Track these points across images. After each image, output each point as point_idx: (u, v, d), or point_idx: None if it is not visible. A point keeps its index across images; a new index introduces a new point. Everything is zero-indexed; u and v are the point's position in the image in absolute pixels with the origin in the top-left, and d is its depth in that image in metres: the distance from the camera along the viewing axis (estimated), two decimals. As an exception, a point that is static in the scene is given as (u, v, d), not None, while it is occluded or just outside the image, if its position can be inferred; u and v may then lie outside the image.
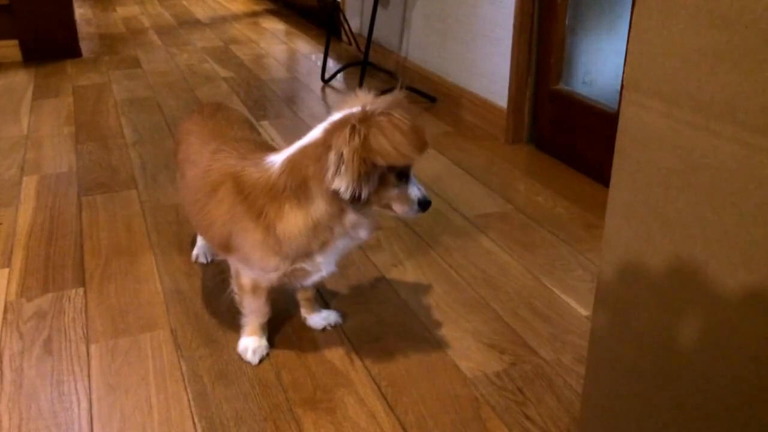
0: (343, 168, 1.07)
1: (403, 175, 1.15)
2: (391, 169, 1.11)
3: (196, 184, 1.31)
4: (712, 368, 0.76)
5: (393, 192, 1.15)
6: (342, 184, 1.08)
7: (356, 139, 1.06)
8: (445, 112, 2.87)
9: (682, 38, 0.69)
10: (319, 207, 1.15)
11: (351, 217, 1.17)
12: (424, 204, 1.17)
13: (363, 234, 1.22)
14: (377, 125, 1.08)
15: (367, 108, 1.11)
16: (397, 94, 1.19)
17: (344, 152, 1.06)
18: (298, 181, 1.15)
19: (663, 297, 0.80)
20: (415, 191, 1.17)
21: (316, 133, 1.16)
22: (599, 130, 2.17)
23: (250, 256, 1.23)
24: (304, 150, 1.16)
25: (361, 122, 1.08)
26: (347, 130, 1.07)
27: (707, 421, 0.79)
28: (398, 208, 1.17)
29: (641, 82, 0.75)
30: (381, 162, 1.08)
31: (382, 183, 1.13)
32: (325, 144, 1.11)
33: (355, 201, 1.11)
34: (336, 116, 1.16)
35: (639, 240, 0.81)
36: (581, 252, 1.78)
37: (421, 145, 1.11)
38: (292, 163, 1.17)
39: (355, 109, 1.13)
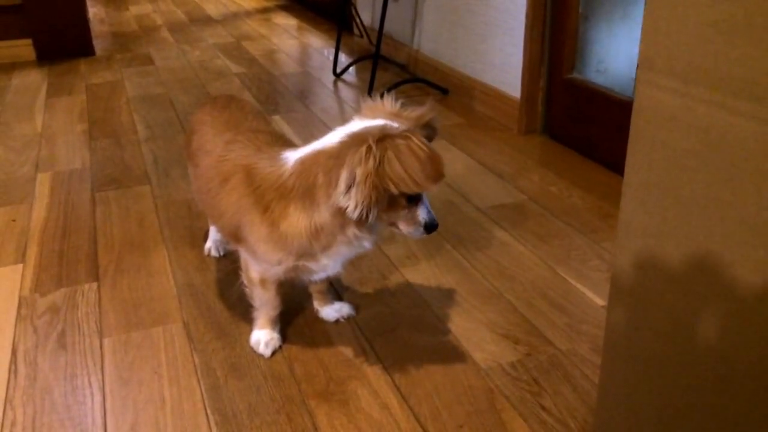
0: (354, 189, 1.05)
1: (414, 197, 1.12)
2: (402, 193, 1.08)
3: (209, 173, 1.30)
4: (732, 356, 0.74)
5: (401, 212, 1.13)
6: (350, 204, 1.06)
7: (370, 162, 1.03)
8: (458, 103, 2.85)
9: (697, 13, 0.67)
10: (323, 216, 1.13)
11: (353, 230, 1.15)
12: (430, 227, 1.14)
13: (366, 245, 1.20)
14: (394, 149, 1.04)
15: (387, 126, 1.08)
16: (424, 110, 1.16)
17: (357, 174, 1.04)
18: (305, 187, 1.13)
19: (680, 284, 0.78)
20: (423, 213, 1.14)
21: (332, 140, 1.13)
22: (614, 119, 2.14)
23: (255, 248, 1.22)
24: (317, 156, 1.14)
25: (378, 143, 1.04)
26: (363, 150, 1.04)
27: (726, 408, 0.77)
28: (404, 227, 1.15)
29: (656, 61, 0.73)
30: (393, 189, 1.05)
31: (392, 204, 1.11)
32: (338, 157, 1.08)
33: (362, 221, 1.09)
34: (356, 125, 1.13)
35: (655, 224, 0.79)
36: (596, 242, 1.75)
37: (437, 176, 1.07)
38: (303, 165, 1.15)
39: (376, 122, 1.11)
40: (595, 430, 1.03)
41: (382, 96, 1.18)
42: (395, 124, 1.10)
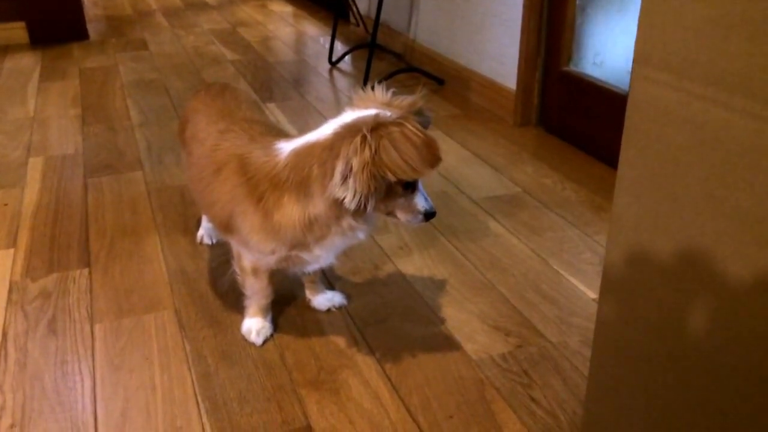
0: (351, 180, 1.04)
1: (410, 185, 1.12)
2: (399, 180, 1.08)
3: (202, 162, 1.30)
4: (720, 350, 0.74)
5: (399, 200, 1.13)
6: (348, 195, 1.06)
7: (366, 151, 1.03)
8: (453, 94, 2.85)
9: (693, 9, 0.67)
10: (318, 207, 1.13)
11: (349, 221, 1.15)
12: (428, 214, 1.15)
13: (360, 235, 1.20)
14: (389, 137, 1.04)
15: (380, 115, 1.08)
16: (416, 98, 1.16)
17: (353, 164, 1.04)
18: (300, 178, 1.13)
19: (671, 278, 0.78)
20: (421, 201, 1.14)
21: (326, 131, 1.13)
22: (609, 112, 2.14)
23: (248, 238, 1.22)
24: (311, 147, 1.13)
25: (373, 132, 1.04)
26: (357, 140, 1.04)
27: (714, 402, 0.77)
28: (402, 216, 1.16)
29: (651, 55, 0.73)
30: (391, 177, 1.05)
31: (389, 193, 1.11)
32: (332, 148, 1.08)
33: (360, 211, 1.09)
34: (348, 116, 1.13)
35: (647, 219, 0.79)
36: (589, 235, 1.76)
37: (434, 161, 1.07)
38: (298, 157, 1.15)
39: (369, 112, 1.10)
40: (585, 422, 1.04)
41: (373, 87, 1.18)
42: (388, 113, 1.10)
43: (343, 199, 1.06)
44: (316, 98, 2.83)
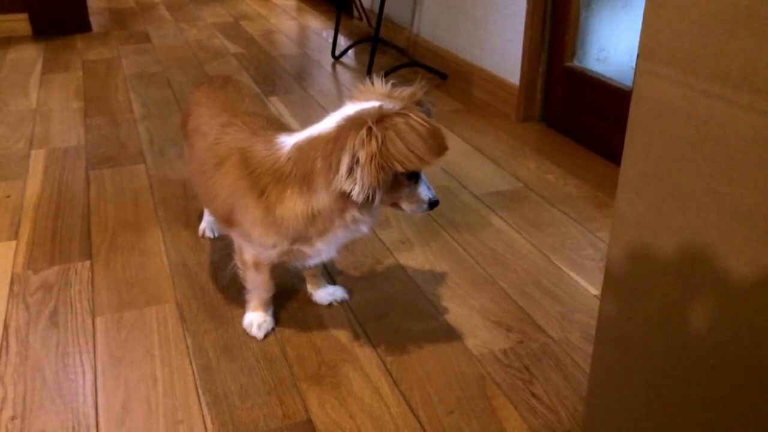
0: (358, 172, 1.04)
1: (413, 175, 1.13)
2: (405, 171, 1.08)
3: (204, 155, 1.29)
4: (722, 347, 0.74)
5: (403, 191, 1.14)
6: (355, 188, 1.06)
7: (373, 143, 1.03)
8: (456, 89, 2.84)
9: (698, 4, 0.67)
10: (322, 200, 1.13)
11: (354, 213, 1.15)
12: (432, 203, 1.16)
13: (364, 229, 1.20)
14: (395, 128, 1.04)
15: (384, 107, 1.08)
16: (415, 88, 1.16)
17: (360, 157, 1.03)
18: (303, 172, 1.13)
19: (674, 275, 0.78)
20: (425, 191, 1.15)
21: (328, 124, 1.13)
22: (612, 108, 2.13)
23: (249, 232, 1.22)
24: (314, 141, 1.13)
25: (378, 123, 1.04)
26: (363, 132, 1.03)
27: (716, 399, 0.77)
28: (407, 206, 1.16)
29: (656, 50, 0.72)
30: (399, 168, 1.05)
31: (393, 183, 1.11)
32: (336, 141, 1.08)
33: (367, 203, 1.09)
34: (350, 109, 1.12)
35: (650, 215, 0.79)
36: (591, 231, 1.75)
37: (441, 149, 1.08)
38: (300, 151, 1.14)
39: (371, 104, 1.10)
40: (585, 418, 1.04)
41: (373, 79, 1.17)
42: (390, 104, 1.09)
43: (350, 192, 1.06)
44: (319, 92, 2.83)
